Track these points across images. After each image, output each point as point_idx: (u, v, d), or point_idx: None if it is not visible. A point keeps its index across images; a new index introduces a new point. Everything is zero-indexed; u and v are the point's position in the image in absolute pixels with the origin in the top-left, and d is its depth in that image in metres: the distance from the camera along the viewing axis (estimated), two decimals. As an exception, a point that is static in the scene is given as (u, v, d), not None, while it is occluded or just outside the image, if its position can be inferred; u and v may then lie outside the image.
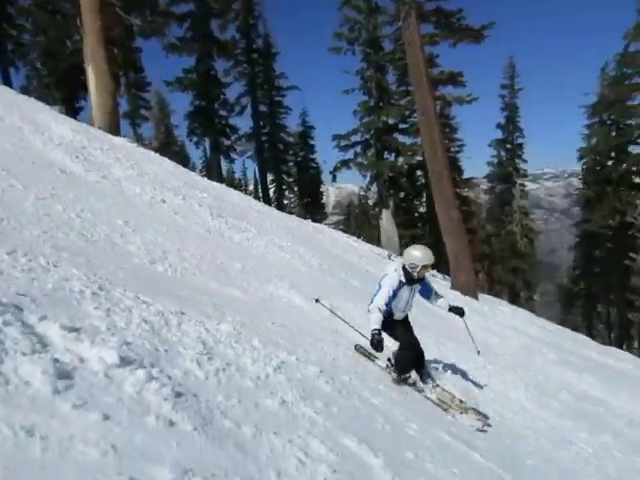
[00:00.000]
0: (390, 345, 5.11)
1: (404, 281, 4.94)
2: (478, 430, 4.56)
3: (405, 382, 5.11)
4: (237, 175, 55.81)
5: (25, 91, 21.48)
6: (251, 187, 48.52)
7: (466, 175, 33.73)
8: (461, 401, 5.02)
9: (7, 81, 24.30)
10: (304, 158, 39.34)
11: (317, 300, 6.50)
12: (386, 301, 4.78)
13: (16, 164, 8.05)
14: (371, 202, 38.45)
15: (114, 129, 15.58)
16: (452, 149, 31.04)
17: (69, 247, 5.12)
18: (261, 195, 34.37)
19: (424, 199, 31.80)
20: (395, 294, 4.87)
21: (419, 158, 27.60)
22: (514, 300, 29.11)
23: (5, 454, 1.42)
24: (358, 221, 48.62)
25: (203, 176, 20.53)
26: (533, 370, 9.49)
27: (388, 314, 4.91)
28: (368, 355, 5.49)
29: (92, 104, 16.14)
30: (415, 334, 5.35)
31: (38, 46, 25.62)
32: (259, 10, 32.80)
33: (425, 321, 9.12)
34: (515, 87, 35.06)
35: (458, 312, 5.59)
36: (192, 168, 33.01)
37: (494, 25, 19.18)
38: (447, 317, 9.70)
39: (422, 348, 5.27)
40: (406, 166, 28.86)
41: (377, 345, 4.63)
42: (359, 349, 5.60)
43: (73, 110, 25.17)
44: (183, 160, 32.18)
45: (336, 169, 29.92)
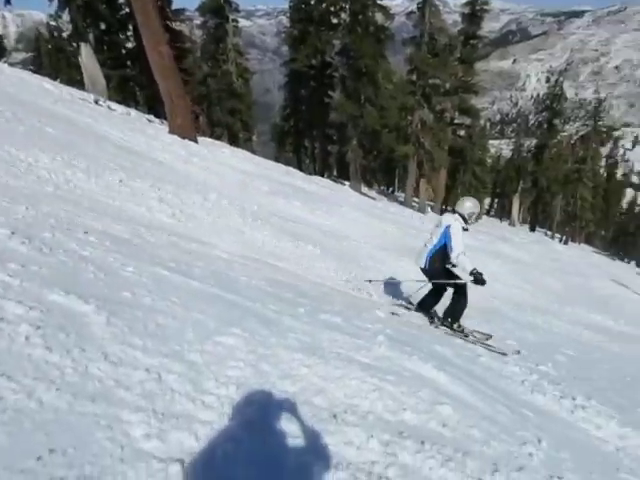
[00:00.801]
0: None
1: (466, 227, 5.62)
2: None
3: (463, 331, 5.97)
4: None
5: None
6: None
7: (176, 6, 30.98)
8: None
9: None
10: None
11: None
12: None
13: None
14: (66, 35, 32.21)
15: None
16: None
17: None
18: None
19: (130, 32, 27.86)
20: None
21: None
22: (233, 142, 30.06)
23: None
24: (52, 60, 40.66)
25: None
26: (249, 201, 10.51)
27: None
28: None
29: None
30: None
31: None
32: None
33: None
34: None
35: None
36: None
37: None
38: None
39: None
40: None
41: (483, 281, 5.57)
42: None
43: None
44: None
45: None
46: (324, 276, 7.19)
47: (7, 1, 22.82)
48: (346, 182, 27.05)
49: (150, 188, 7.91)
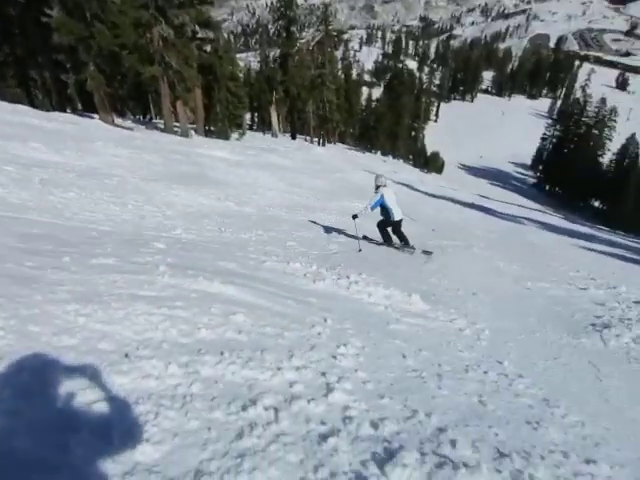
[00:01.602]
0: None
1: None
2: None
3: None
4: None
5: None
6: None
7: None
8: None
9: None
10: None
11: None
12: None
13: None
14: None
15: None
16: None
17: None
18: None
19: None
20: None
21: None
22: None
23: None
24: None
25: None
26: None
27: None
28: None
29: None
30: None
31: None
32: None
33: None
34: None
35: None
36: None
37: None
38: None
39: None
40: None
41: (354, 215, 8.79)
42: None
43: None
44: None
45: None
46: (91, 220, 6.52)
47: None
48: (94, 115, 24.14)
49: None
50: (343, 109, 55.02)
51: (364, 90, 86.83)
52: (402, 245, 9.10)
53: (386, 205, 8.59)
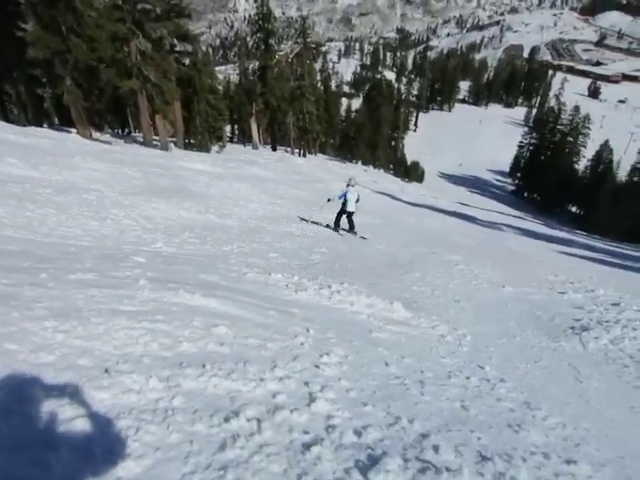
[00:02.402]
0: None
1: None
2: None
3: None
4: None
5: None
6: None
7: None
8: None
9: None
10: None
11: None
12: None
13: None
14: None
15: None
16: None
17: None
18: None
19: None
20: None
21: None
22: None
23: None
24: None
25: None
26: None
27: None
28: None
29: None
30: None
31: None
32: None
33: None
34: None
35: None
36: None
37: None
38: None
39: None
40: None
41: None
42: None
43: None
44: None
45: None
46: (69, 235, 6.44)
47: None
48: (72, 129, 23.86)
49: None
50: (323, 120, 55.31)
51: (343, 101, 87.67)
52: (348, 230, 12.06)
53: (346, 199, 11.66)
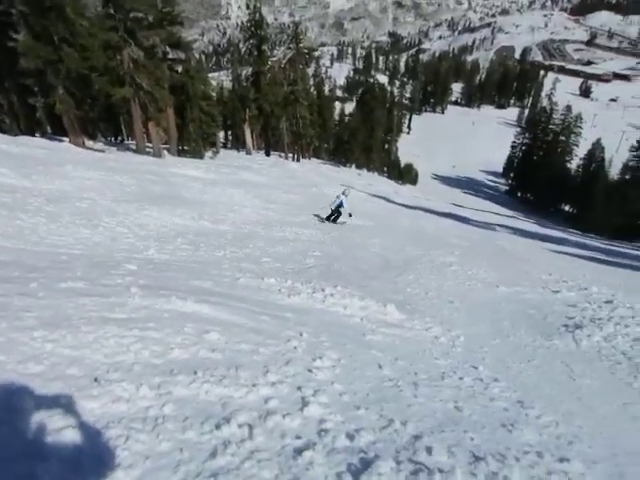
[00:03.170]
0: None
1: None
2: None
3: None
4: None
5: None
6: None
7: None
8: None
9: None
10: None
11: None
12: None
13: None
14: None
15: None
16: None
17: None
18: None
19: None
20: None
21: None
22: None
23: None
24: None
25: None
26: None
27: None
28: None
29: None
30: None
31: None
32: None
33: None
34: None
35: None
36: None
37: None
38: None
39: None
40: None
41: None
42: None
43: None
44: None
45: None
46: (60, 244, 6.41)
47: None
48: (64, 138, 23.80)
49: None
50: (316, 124, 55.41)
51: (337, 105, 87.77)
52: (332, 220, 14.83)
53: (342, 204, 14.51)
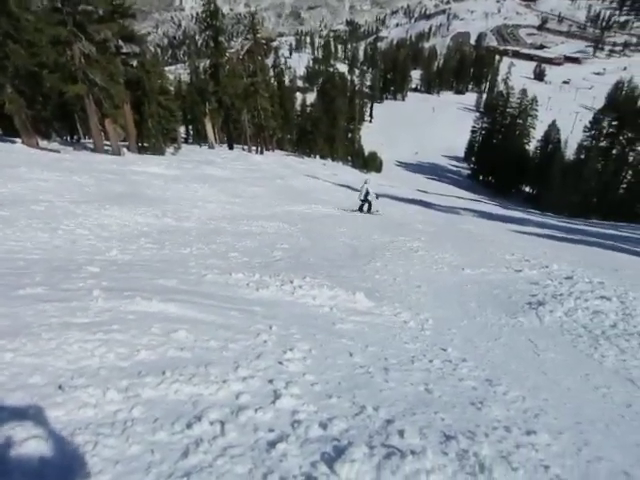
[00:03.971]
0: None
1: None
2: None
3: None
4: None
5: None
6: None
7: None
8: None
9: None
10: None
11: None
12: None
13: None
14: None
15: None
16: None
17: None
18: None
19: None
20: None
21: None
22: None
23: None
24: None
25: None
26: None
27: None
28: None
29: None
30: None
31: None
32: None
33: None
34: None
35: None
36: None
37: None
38: None
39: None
40: None
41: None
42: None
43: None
44: None
45: None
46: (17, 249, 6.17)
47: None
48: (17, 139, 22.87)
49: None
50: (278, 116, 55.05)
51: (298, 96, 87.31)
52: (367, 210, 16.90)
53: (369, 193, 16.59)
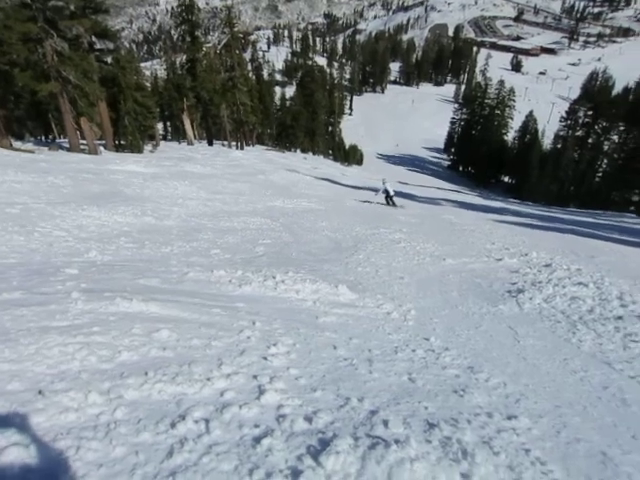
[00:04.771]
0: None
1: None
2: None
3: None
4: None
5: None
6: None
7: None
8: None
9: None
10: None
11: None
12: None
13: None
14: None
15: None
16: None
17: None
18: None
19: None
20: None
21: None
22: None
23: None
24: None
25: None
26: None
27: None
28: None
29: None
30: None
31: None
32: None
33: None
34: None
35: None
36: None
37: None
38: None
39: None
40: None
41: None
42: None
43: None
44: None
45: None
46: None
47: None
48: (-11, 141, 22.35)
49: None
50: (258, 110, 54.57)
51: (277, 90, 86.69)
52: (392, 205, 18.60)
53: (387, 190, 18.61)
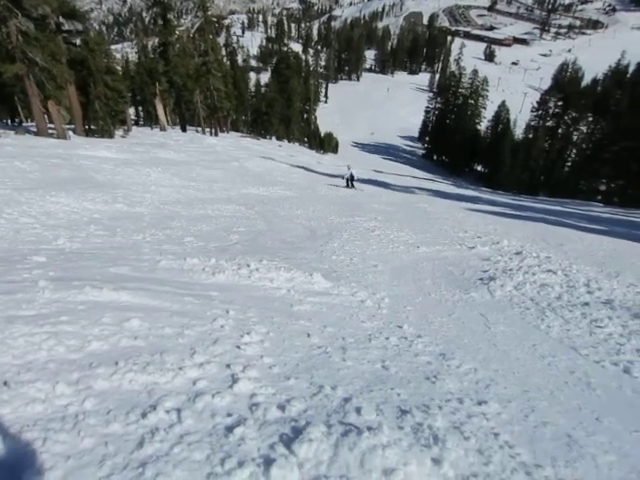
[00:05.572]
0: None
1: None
2: None
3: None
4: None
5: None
6: None
7: None
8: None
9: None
10: None
11: None
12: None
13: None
14: None
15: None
16: None
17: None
18: None
19: None
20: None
21: None
22: None
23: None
24: None
25: None
26: None
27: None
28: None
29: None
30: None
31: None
32: None
33: None
34: None
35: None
36: None
37: None
38: None
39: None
40: None
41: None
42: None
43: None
44: None
45: None
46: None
47: None
48: (-50, 124, 21.48)
49: None
50: (232, 96, 53.80)
51: (252, 76, 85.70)
52: (352, 187, 20.99)
53: (352, 174, 21.03)
